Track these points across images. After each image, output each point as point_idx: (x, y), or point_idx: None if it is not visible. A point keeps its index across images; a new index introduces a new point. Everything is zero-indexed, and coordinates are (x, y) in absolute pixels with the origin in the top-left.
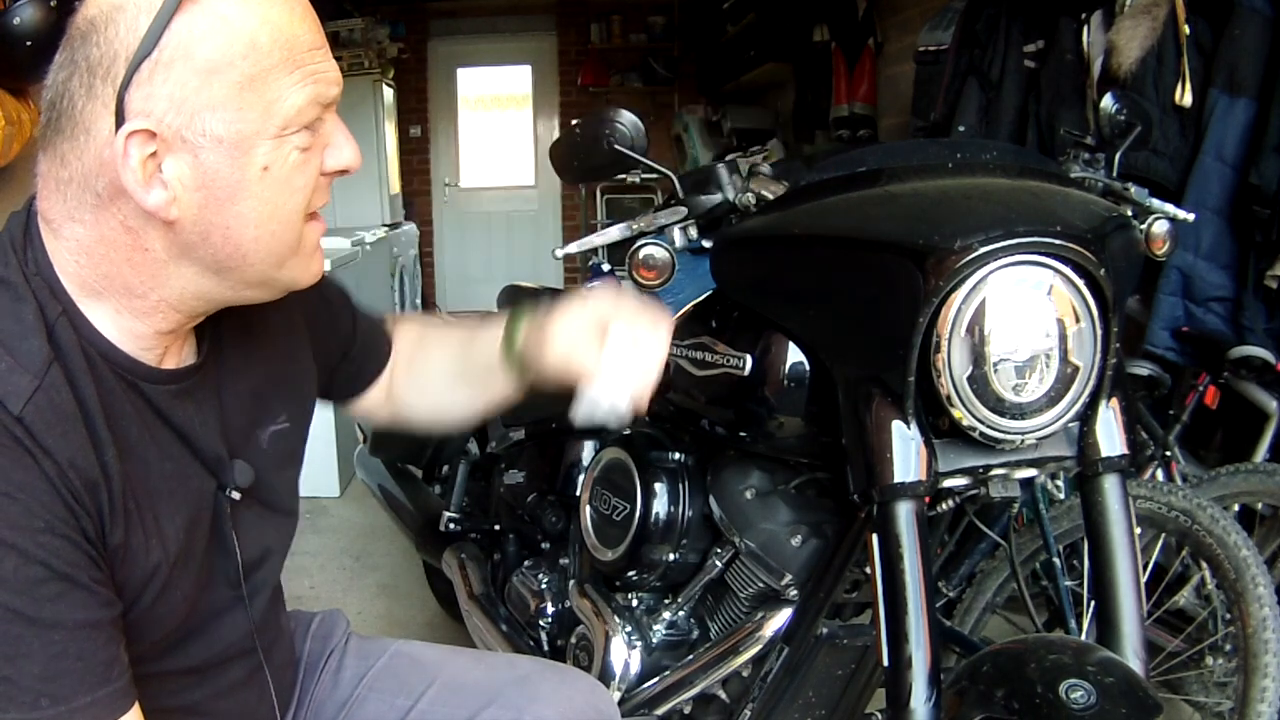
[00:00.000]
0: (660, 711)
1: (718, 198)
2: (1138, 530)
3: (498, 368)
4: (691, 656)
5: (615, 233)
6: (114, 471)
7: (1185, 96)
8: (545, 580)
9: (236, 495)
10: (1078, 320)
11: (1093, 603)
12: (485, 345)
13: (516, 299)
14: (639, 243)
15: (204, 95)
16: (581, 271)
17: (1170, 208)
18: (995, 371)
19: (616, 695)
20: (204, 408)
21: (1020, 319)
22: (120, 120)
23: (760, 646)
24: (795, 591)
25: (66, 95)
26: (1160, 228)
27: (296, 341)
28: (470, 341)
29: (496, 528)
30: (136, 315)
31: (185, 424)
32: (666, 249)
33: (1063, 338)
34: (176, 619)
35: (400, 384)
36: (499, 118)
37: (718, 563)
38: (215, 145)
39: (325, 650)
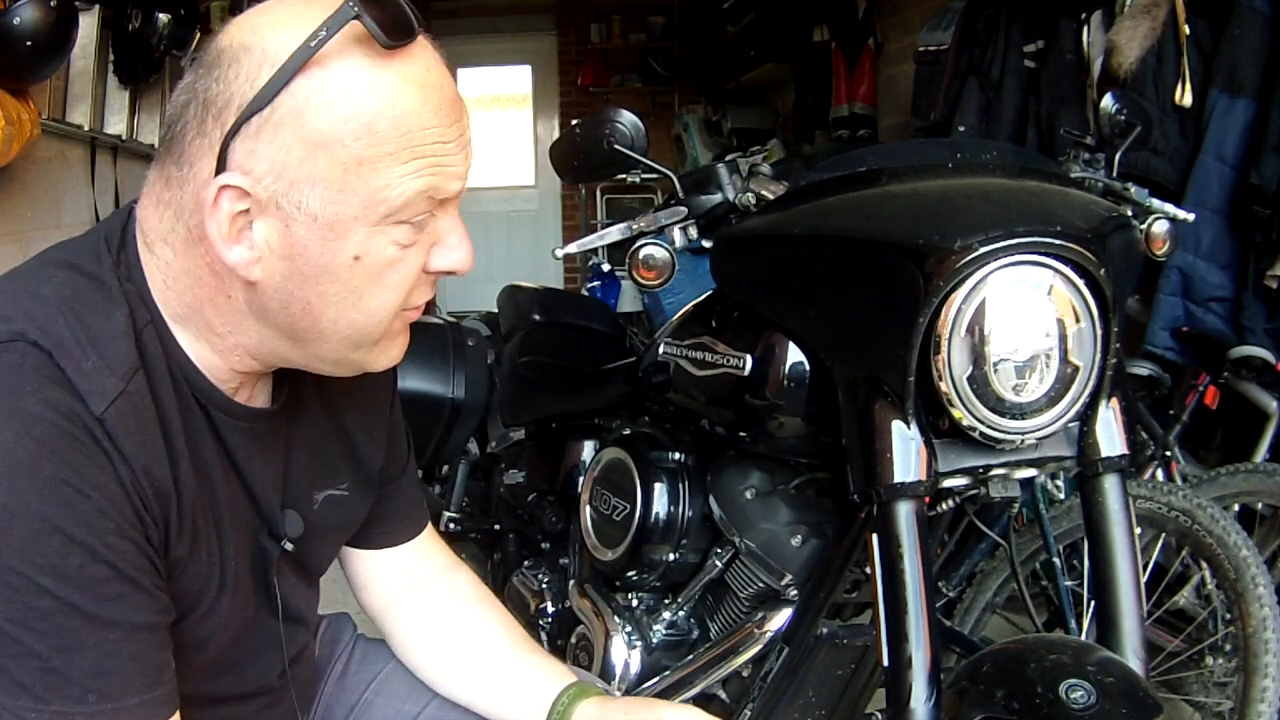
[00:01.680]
0: None
1: (718, 198)
2: (1138, 530)
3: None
4: (691, 656)
5: (615, 233)
6: (186, 486)
7: (1185, 96)
8: (545, 580)
9: (289, 546)
10: (1078, 320)
11: (1093, 603)
12: (529, 683)
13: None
14: (639, 243)
15: (307, 167)
16: (582, 271)
17: (1170, 208)
18: (995, 371)
19: (617, 694)
20: (268, 456)
21: (1020, 319)
22: (220, 168)
23: (760, 646)
24: (795, 591)
25: (181, 122)
26: (1160, 228)
27: (376, 421)
28: (514, 662)
29: (496, 528)
30: (214, 350)
31: (246, 464)
32: (666, 249)
33: (1063, 338)
34: (216, 646)
35: (415, 617)
36: (499, 117)
37: (718, 563)
38: (309, 221)
39: (333, 655)
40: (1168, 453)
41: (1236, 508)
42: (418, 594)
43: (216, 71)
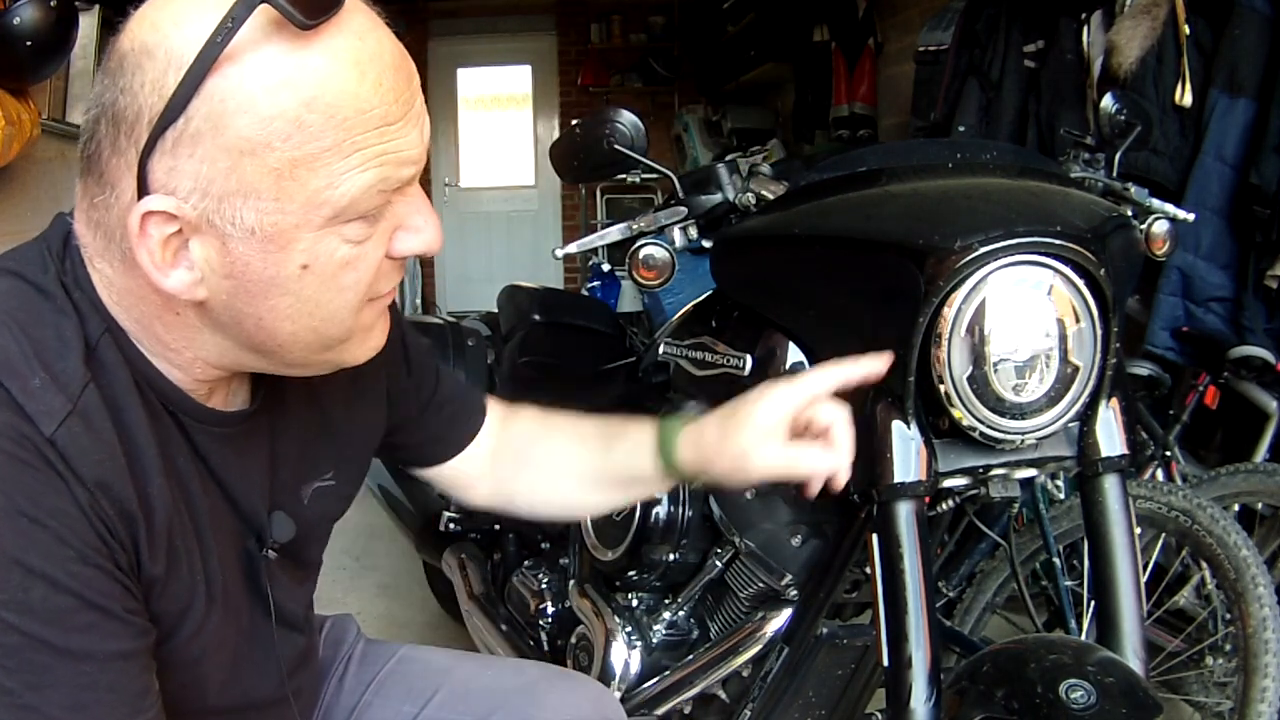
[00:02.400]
0: (660, 711)
1: (718, 198)
2: (1138, 530)
3: (646, 477)
4: (691, 656)
5: (615, 233)
6: (158, 502)
7: (1185, 96)
8: (545, 580)
9: (272, 554)
10: (1078, 320)
11: (1093, 603)
12: (628, 454)
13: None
14: (639, 243)
15: (234, 179)
16: (582, 271)
17: (1170, 208)
18: (995, 371)
19: (616, 695)
20: (248, 458)
21: (1020, 319)
22: (142, 190)
23: (760, 646)
24: (795, 591)
25: (95, 140)
26: (1160, 228)
27: (365, 393)
28: (608, 448)
29: (496, 528)
30: (173, 363)
31: (223, 470)
32: (666, 249)
33: (1063, 338)
34: (213, 662)
35: (507, 475)
36: (499, 117)
37: (718, 563)
38: (247, 235)
39: (336, 656)
40: (1168, 453)
41: (1236, 508)
42: (503, 463)
43: (121, 80)
